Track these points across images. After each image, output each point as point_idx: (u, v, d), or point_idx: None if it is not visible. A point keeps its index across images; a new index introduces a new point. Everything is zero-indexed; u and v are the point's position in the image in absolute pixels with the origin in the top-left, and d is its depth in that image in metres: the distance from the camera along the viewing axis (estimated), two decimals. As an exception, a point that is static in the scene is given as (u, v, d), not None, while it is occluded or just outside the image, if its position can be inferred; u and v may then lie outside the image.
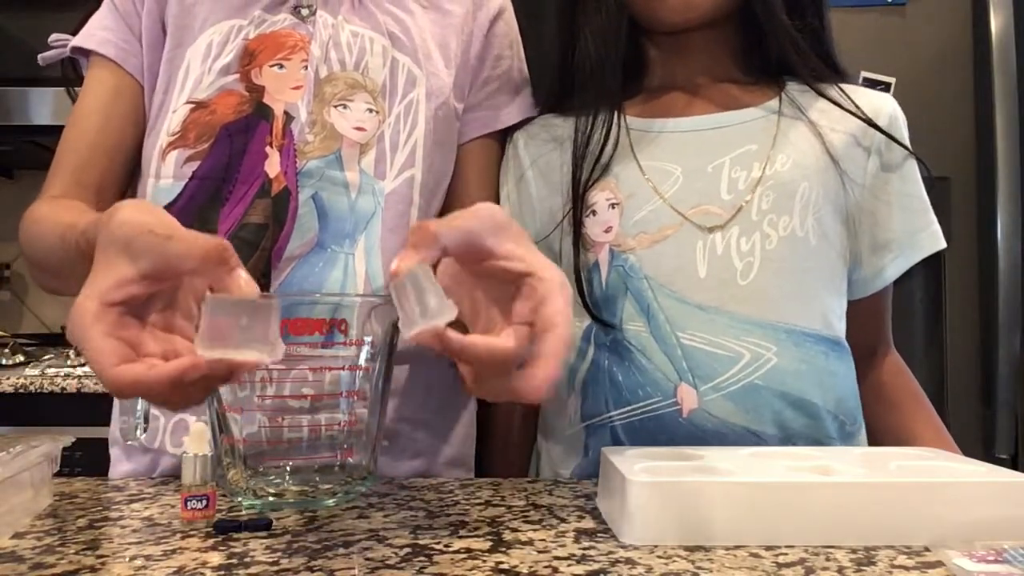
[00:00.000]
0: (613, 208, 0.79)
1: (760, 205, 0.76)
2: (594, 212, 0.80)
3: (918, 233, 0.82)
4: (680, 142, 0.80)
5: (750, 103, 0.82)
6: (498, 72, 0.89)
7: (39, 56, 0.89)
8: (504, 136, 0.90)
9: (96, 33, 0.83)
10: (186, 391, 0.45)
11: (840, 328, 0.79)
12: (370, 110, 0.80)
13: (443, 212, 0.86)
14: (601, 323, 0.77)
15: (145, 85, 0.83)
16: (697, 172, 0.78)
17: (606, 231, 0.78)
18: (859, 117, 0.80)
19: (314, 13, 0.82)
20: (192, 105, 0.79)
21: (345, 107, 0.79)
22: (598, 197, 0.80)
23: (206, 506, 0.57)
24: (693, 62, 0.84)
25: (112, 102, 0.82)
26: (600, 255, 0.79)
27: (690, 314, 0.74)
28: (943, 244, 0.83)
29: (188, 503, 0.56)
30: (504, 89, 0.89)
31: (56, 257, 0.67)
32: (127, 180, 0.84)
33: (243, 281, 0.47)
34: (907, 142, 0.82)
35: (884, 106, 0.82)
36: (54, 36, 0.87)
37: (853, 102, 0.81)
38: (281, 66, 0.80)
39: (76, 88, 0.85)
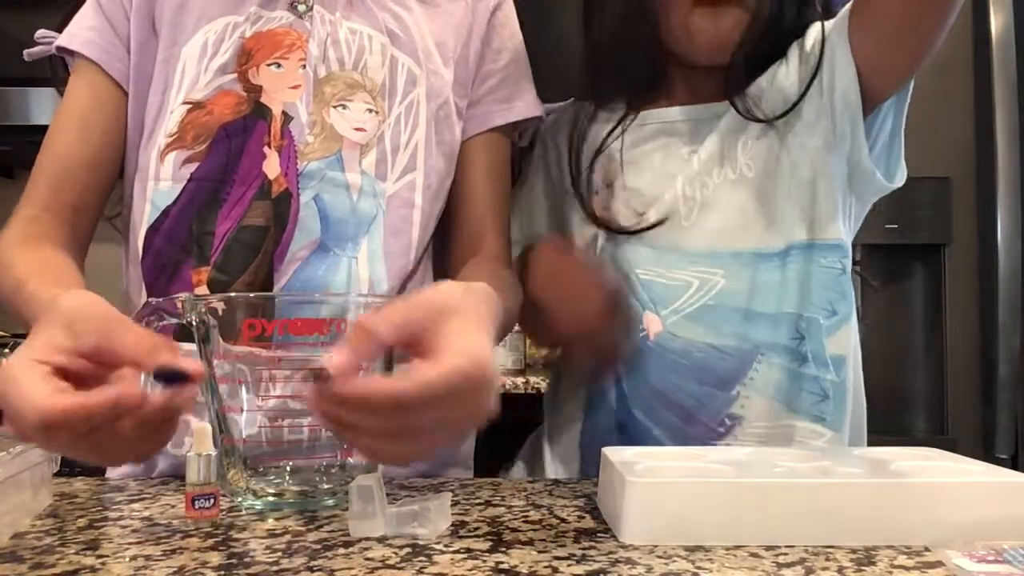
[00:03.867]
0: (609, 188, 0.85)
1: (700, 156, 0.82)
2: (596, 192, 0.86)
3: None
4: (658, 132, 0.85)
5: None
6: (499, 66, 0.88)
7: (24, 52, 0.86)
8: (510, 131, 0.89)
9: (79, 33, 0.81)
10: (122, 429, 0.47)
11: (806, 230, 0.80)
12: (370, 110, 0.80)
13: (449, 213, 0.86)
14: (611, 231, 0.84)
15: (131, 89, 0.81)
16: (672, 159, 0.84)
17: (604, 209, 0.85)
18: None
19: (311, 9, 0.81)
20: (189, 105, 0.78)
21: (344, 107, 0.79)
22: (596, 178, 0.86)
23: (212, 505, 0.57)
24: (706, 76, 0.85)
25: (92, 113, 0.80)
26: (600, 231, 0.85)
27: (643, 254, 0.82)
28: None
29: (195, 502, 0.57)
30: (506, 83, 0.88)
31: (11, 309, 0.69)
32: (107, 191, 0.82)
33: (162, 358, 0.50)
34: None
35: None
36: (40, 32, 0.85)
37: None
38: (279, 65, 0.79)
39: (64, 87, 0.83)
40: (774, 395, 0.78)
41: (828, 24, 0.81)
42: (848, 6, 0.79)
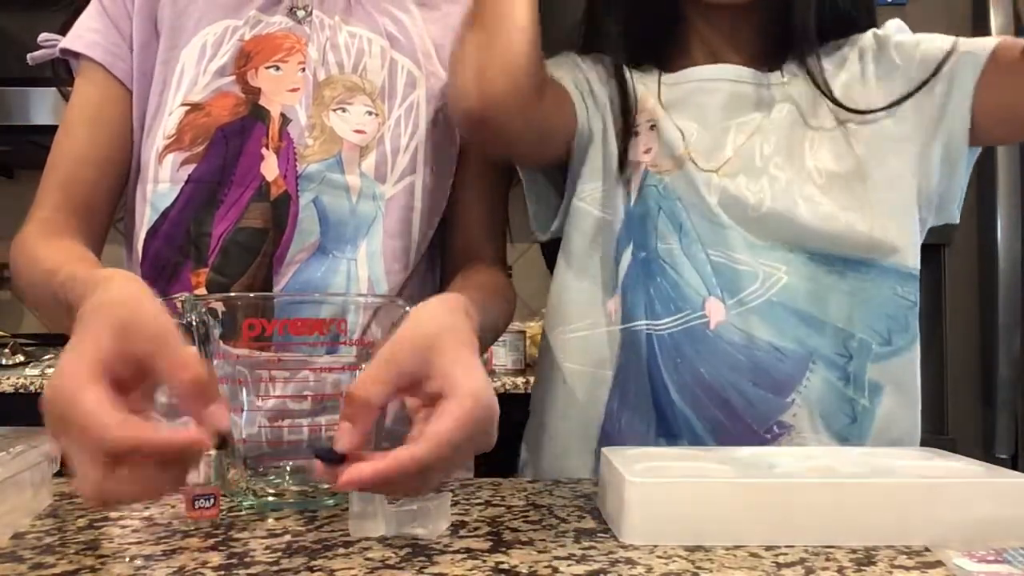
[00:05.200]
0: (652, 129, 0.82)
1: (763, 150, 0.79)
2: (636, 132, 0.82)
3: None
4: (696, 92, 0.82)
5: (763, 67, 0.83)
6: None
7: (28, 56, 0.87)
8: None
9: (84, 35, 0.81)
10: (171, 468, 0.45)
11: (878, 250, 0.77)
12: (369, 113, 0.80)
13: (445, 216, 0.86)
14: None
15: (135, 88, 0.81)
16: (712, 126, 0.81)
17: (645, 152, 0.81)
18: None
19: (310, 14, 0.81)
20: (187, 107, 0.78)
21: (344, 110, 0.79)
22: (640, 119, 0.82)
23: (213, 505, 0.57)
24: (725, 37, 0.84)
25: (100, 113, 0.81)
26: (636, 174, 0.81)
27: (716, 231, 0.78)
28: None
29: (196, 502, 0.57)
30: None
31: (42, 301, 0.68)
32: (118, 191, 0.82)
33: (216, 418, 0.46)
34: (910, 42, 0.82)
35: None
36: (43, 36, 0.85)
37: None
38: (277, 68, 0.79)
39: (68, 88, 0.83)
40: (818, 407, 0.76)
41: (951, 50, 0.79)
42: (987, 51, 0.78)
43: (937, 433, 1.71)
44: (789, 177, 0.78)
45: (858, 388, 0.76)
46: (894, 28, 0.85)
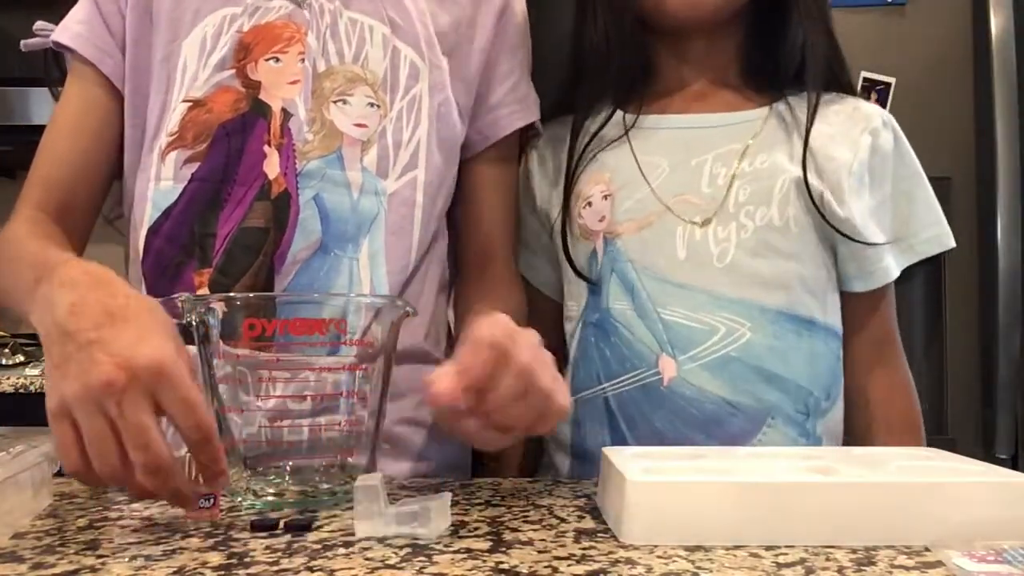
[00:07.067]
0: (606, 199, 0.83)
1: (737, 197, 0.80)
2: (590, 203, 0.84)
3: (919, 234, 0.86)
4: (670, 138, 0.84)
5: (741, 108, 0.85)
6: (516, 63, 0.88)
7: (22, 43, 0.86)
8: (520, 136, 0.89)
9: (70, 27, 0.80)
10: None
11: (818, 309, 0.81)
12: (371, 104, 0.79)
13: (458, 224, 0.87)
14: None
15: (128, 87, 0.80)
16: (682, 165, 0.82)
17: (600, 220, 0.83)
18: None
19: None
20: (189, 103, 0.77)
21: (345, 102, 0.78)
22: (593, 190, 0.84)
23: (212, 505, 0.57)
24: (695, 67, 0.87)
25: (84, 115, 0.80)
26: (597, 243, 0.83)
27: (670, 292, 0.79)
28: (951, 244, 0.85)
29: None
30: (522, 83, 0.88)
31: (13, 277, 0.68)
32: (100, 193, 0.82)
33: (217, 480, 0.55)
34: (907, 150, 0.85)
35: (880, 126, 0.83)
36: (39, 24, 0.84)
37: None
38: (277, 59, 0.78)
39: (58, 88, 0.83)
40: None
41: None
42: (884, 280, 0.84)
43: (937, 433, 1.71)
44: (757, 227, 0.79)
45: (813, 443, 0.80)
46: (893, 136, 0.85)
